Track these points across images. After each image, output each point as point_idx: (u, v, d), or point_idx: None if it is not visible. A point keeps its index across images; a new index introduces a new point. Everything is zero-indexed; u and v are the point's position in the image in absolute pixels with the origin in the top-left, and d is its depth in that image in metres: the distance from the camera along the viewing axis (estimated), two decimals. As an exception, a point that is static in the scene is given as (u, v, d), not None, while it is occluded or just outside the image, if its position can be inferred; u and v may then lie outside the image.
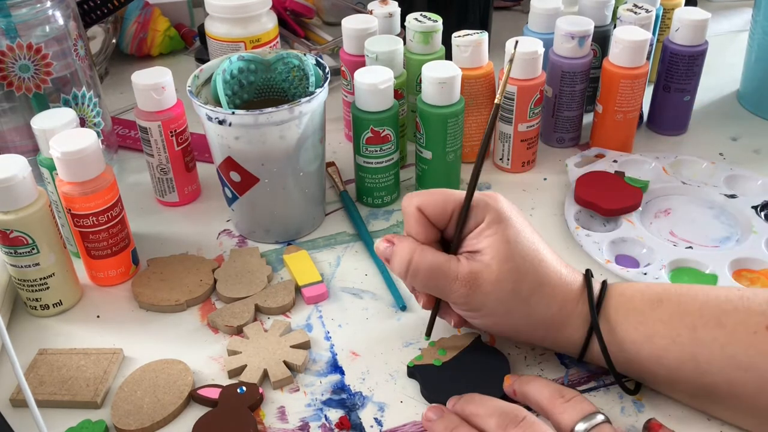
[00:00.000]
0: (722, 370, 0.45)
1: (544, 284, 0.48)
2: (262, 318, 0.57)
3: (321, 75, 0.62)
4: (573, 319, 0.48)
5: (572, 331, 0.49)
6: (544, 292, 0.48)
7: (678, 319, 0.46)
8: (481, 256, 0.48)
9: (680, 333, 0.46)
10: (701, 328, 0.45)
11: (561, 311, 0.48)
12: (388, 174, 0.67)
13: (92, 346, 0.55)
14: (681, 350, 0.46)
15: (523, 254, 0.47)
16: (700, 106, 0.83)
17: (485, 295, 0.47)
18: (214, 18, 0.74)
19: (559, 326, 0.49)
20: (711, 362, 0.45)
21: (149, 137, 0.65)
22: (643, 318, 0.47)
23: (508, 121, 0.70)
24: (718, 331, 0.45)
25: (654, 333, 0.46)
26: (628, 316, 0.47)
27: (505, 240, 0.47)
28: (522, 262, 0.47)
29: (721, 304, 0.46)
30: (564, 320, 0.48)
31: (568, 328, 0.49)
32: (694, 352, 0.45)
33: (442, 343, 0.53)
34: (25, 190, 0.53)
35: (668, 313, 0.47)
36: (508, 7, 1.11)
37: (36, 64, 0.63)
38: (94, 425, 0.48)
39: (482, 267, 0.47)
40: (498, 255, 0.47)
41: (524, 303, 0.48)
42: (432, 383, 0.50)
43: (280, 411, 0.50)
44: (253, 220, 0.64)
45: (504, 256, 0.47)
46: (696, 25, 0.72)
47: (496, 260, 0.47)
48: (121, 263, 0.60)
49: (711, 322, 0.45)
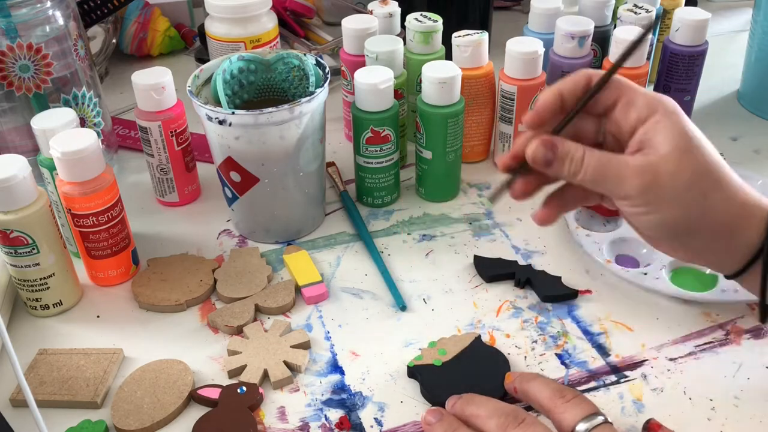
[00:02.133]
0: None
1: (724, 182, 0.45)
2: (262, 318, 0.57)
3: (321, 75, 0.62)
4: (749, 227, 0.45)
5: (744, 239, 0.45)
6: (723, 188, 0.45)
7: None
8: (656, 148, 0.44)
9: None
10: None
11: (742, 210, 0.45)
12: (388, 174, 0.67)
13: (92, 346, 0.55)
14: None
15: (703, 147, 0.45)
16: (700, 106, 0.83)
17: (661, 187, 0.44)
18: (214, 18, 0.74)
19: (737, 227, 0.45)
20: None
21: (149, 137, 0.65)
22: None
23: (508, 121, 0.70)
24: None
25: None
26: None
27: (683, 132, 0.44)
28: (703, 155, 0.44)
29: None
30: (744, 220, 0.45)
31: (740, 234, 0.45)
32: None
33: (442, 343, 0.53)
34: (25, 190, 0.53)
35: None
36: (508, 7, 1.11)
37: (36, 64, 0.63)
38: (94, 425, 0.48)
39: (659, 158, 0.44)
40: (678, 146, 0.44)
41: (702, 197, 0.44)
42: (432, 383, 0.50)
43: (280, 411, 0.50)
44: (253, 220, 0.64)
45: (685, 147, 0.44)
46: (696, 25, 0.72)
47: (676, 151, 0.44)
48: (121, 263, 0.60)
49: None
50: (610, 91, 0.46)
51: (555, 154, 0.46)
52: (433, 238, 0.65)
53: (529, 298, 0.58)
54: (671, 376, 0.51)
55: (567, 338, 0.55)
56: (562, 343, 0.54)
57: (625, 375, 0.51)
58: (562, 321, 0.56)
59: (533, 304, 0.58)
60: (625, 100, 0.46)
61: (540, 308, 0.57)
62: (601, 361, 0.53)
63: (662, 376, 0.51)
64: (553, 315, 0.57)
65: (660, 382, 0.51)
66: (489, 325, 0.56)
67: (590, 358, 0.53)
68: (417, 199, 0.70)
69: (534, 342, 0.54)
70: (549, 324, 0.56)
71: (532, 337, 0.55)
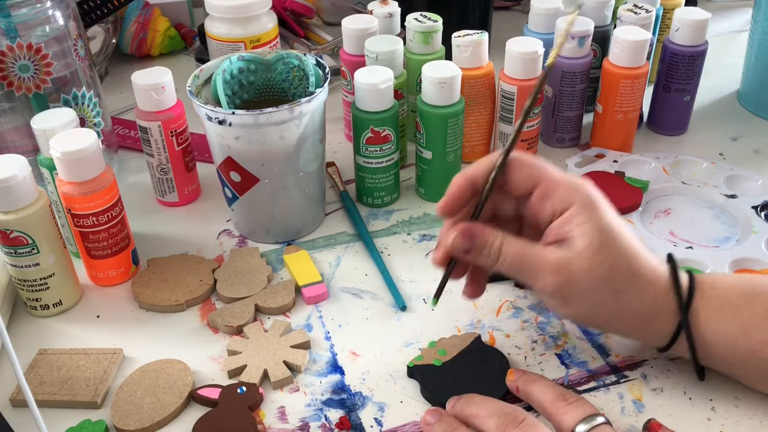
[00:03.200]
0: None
1: (636, 276, 0.46)
2: (262, 318, 0.57)
3: (321, 75, 0.62)
4: (663, 312, 0.46)
5: (661, 323, 0.47)
6: (636, 285, 0.46)
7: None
8: (571, 244, 0.45)
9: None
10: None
11: (652, 305, 0.46)
12: (388, 174, 0.67)
13: (92, 346, 0.55)
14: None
15: (617, 245, 0.45)
16: (700, 106, 0.83)
17: (576, 285, 0.45)
18: (214, 18, 0.74)
19: (649, 319, 0.47)
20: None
21: (149, 137, 0.65)
22: (738, 312, 0.46)
23: (508, 121, 0.70)
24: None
25: (751, 327, 0.45)
26: (723, 310, 0.46)
27: (598, 228, 0.44)
28: (616, 253, 0.45)
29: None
30: (654, 313, 0.46)
31: (657, 320, 0.47)
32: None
33: (442, 343, 0.53)
34: (25, 190, 0.53)
35: (764, 307, 0.45)
36: (508, 7, 1.11)
37: (36, 64, 0.63)
38: (94, 425, 0.48)
39: (573, 256, 0.45)
40: (591, 244, 0.44)
41: (615, 296, 0.46)
42: (432, 383, 0.50)
43: (280, 411, 0.50)
44: (253, 220, 0.64)
45: (598, 246, 0.44)
46: (696, 25, 0.72)
47: (589, 250, 0.44)
48: (121, 263, 0.60)
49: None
50: (525, 179, 0.47)
51: (473, 244, 0.47)
52: (433, 238, 0.65)
53: (529, 298, 0.58)
54: (671, 376, 0.51)
55: (567, 338, 0.55)
56: (562, 343, 0.54)
57: (625, 375, 0.51)
58: (562, 321, 0.56)
59: (533, 304, 0.58)
60: (542, 190, 0.47)
61: (540, 308, 0.57)
62: (601, 361, 0.53)
63: (662, 376, 0.51)
64: (553, 315, 0.57)
65: (660, 382, 0.51)
66: (489, 325, 0.56)
67: (590, 358, 0.53)
68: (417, 199, 0.70)
69: (534, 342, 0.54)
70: (549, 324, 0.56)
71: (532, 337, 0.55)
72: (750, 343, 0.46)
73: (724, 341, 0.46)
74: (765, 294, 0.46)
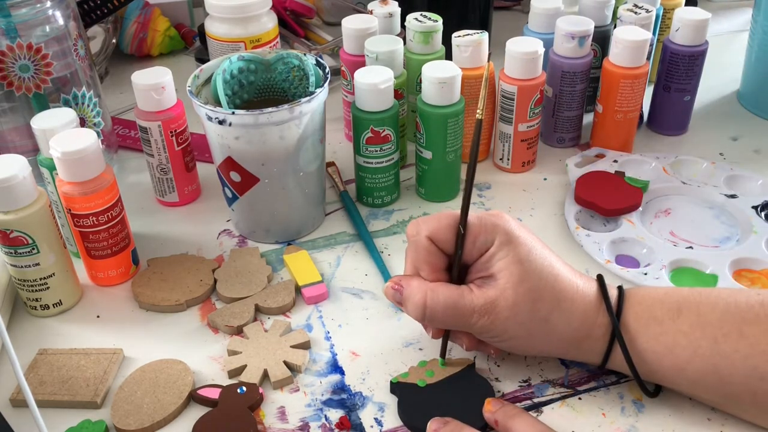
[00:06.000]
0: (745, 381, 0.44)
1: (562, 300, 0.47)
2: (262, 318, 0.57)
3: (321, 75, 0.62)
4: (594, 331, 0.47)
5: (593, 342, 0.48)
6: (563, 309, 0.47)
7: (699, 331, 0.45)
8: (494, 281, 0.46)
9: (701, 345, 0.45)
10: (722, 340, 0.45)
11: (582, 325, 0.47)
12: (388, 174, 0.67)
13: (92, 346, 0.55)
14: (703, 362, 0.45)
15: (537, 272, 0.46)
16: (700, 106, 0.83)
17: (505, 320, 0.46)
18: (214, 18, 0.74)
19: (581, 339, 0.48)
20: (733, 374, 0.44)
21: (149, 137, 0.65)
22: (663, 329, 0.46)
23: (509, 121, 0.70)
24: (740, 343, 0.44)
25: (675, 344, 0.46)
26: (649, 326, 0.46)
27: (517, 260, 0.46)
28: (537, 281, 0.46)
29: (742, 312, 0.45)
30: (586, 333, 0.47)
31: (589, 339, 0.48)
32: (716, 364, 0.45)
33: (432, 365, 0.52)
34: (25, 190, 0.53)
35: (688, 324, 0.46)
36: (508, 7, 1.11)
37: (36, 64, 0.63)
38: (94, 425, 0.48)
39: (498, 293, 0.46)
40: (512, 277, 0.46)
41: (544, 322, 0.47)
42: (409, 403, 0.49)
43: (280, 411, 0.50)
44: (253, 220, 0.64)
45: (518, 278, 0.46)
46: (696, 25, 0.72)
47: (510, 283, 0.46)
48: (121, 263, 0.60)
49: (733, 333, 0.45)
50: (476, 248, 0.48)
51: (400, 298, 0.49)
52: (433, 238, 0.65)
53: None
54: (671, 376, 0.51)
55: (567, 338, 0.54)
56: (562, 343, 0.54)
57: (625, 375, 0.51)
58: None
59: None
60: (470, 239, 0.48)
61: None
62: (601, 361, 0.53)
63: (662, 376, 0.51)
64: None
65: (660, 382, 0.51)
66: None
67: (590, 358, 0.53)
68: (417, 199, 0.70)
69: (534, 342, 0.54)
70: (549, 324, 0.56)
71: (532, 337, 0.55)
72: (675, 360, 0.46)
73: (651, 357, 0.46)
74: (690, 310, 0.46)
